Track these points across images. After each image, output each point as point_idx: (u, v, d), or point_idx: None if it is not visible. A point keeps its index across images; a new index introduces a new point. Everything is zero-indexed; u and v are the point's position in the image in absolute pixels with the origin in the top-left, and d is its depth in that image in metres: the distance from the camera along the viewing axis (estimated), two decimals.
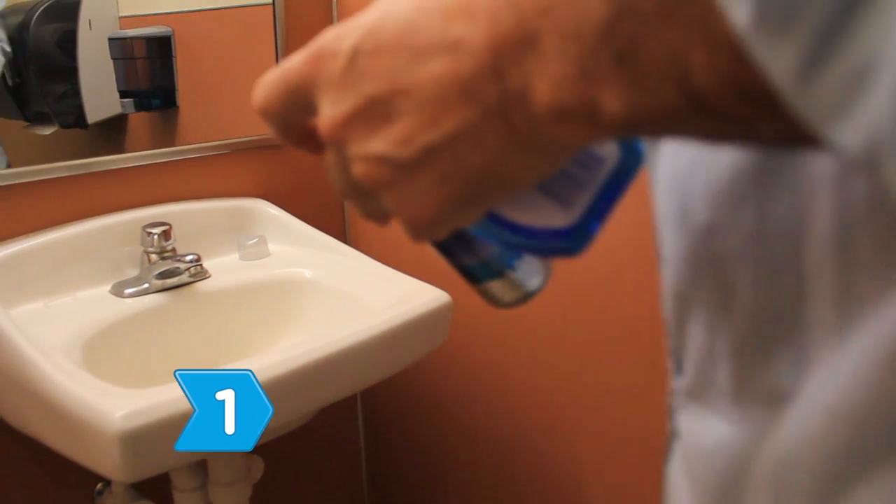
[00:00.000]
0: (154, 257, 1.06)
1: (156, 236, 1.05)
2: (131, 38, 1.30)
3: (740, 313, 0.29)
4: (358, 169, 0.29)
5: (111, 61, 1.27)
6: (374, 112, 0.28)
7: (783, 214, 0.27)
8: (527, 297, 0.37)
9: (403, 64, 0.27)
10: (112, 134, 1.28)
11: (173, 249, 1.07)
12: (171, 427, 0.72)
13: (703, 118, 0.23)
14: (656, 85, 0.22)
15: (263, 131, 1.26)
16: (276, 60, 1.31)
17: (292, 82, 0.31)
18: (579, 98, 0.24)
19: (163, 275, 1.05)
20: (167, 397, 0.74)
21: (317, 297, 1.10)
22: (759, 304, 0.28)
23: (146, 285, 1.06)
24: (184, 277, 1.08)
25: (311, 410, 0.92)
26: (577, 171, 0.31)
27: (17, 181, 1.05)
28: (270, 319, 1.10)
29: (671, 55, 0.22)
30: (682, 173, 0.31)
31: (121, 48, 1.28)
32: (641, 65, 0.22)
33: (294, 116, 0.32)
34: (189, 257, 1.03)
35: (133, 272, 1.10)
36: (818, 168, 0.25)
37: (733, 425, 0.30)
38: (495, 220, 0.32)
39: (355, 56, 0.28)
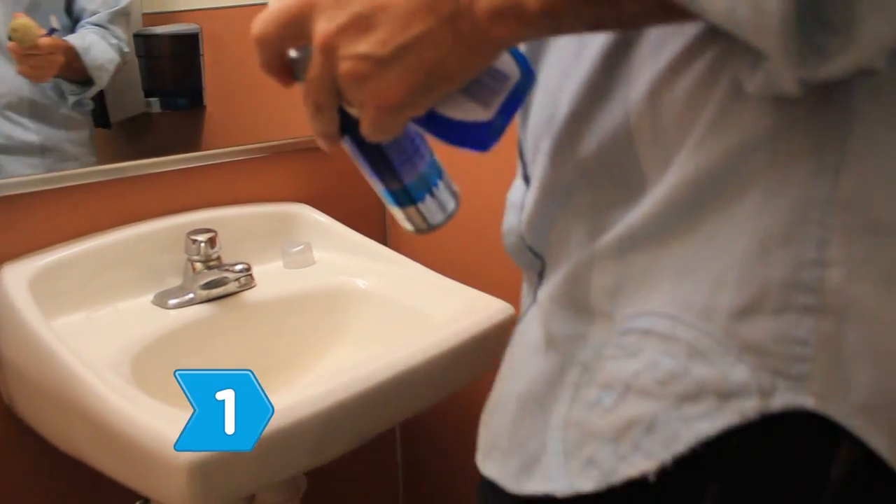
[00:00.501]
0: (199, 266, 1.01)
1: (202, 244, 1.00)
2: (157, 35, 1.24)
3: (595, 176, 0.43)
4: (346, 66, 0.39)
5: (136, 59, 1.21)
6: (360, 23, 0.39)
7: (618, 97, 0.41)
8: (443, 222, 0.51)
9: None
10: (136, 134, 1.23)
11: (218, 258, 1.01)
12: (245, 453, 0.67)
13: (592, 5, 0.35)
14: None
15: (302, 133, 1.21)
16: None
17: (292, 12, 0.41)
18: (509, 2, 0.36)
19: (209, 285, 1.00)
20: None
21: (370, 308, 1.05)
22: (606, 163, 0.42)
23: (191, 296, 1.00)
24: (230, 287, 1.03)
25: (374, 432, 0.87)
26: (492, 82, 0.43)
27: (54, 186, 1.00)
28: (321, 331, 1.05)
29: None
30: (553, 86, 0.45)
31: (145, 46, 1.22)
32: None
33: (286, 42, 0.42)
34: (238, 266, 0.98)
35: (174, 281, 1.05)
36: (637, 61, 0.40)
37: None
38: (436, 116, 0.44)
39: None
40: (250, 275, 0.98)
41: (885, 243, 0.35)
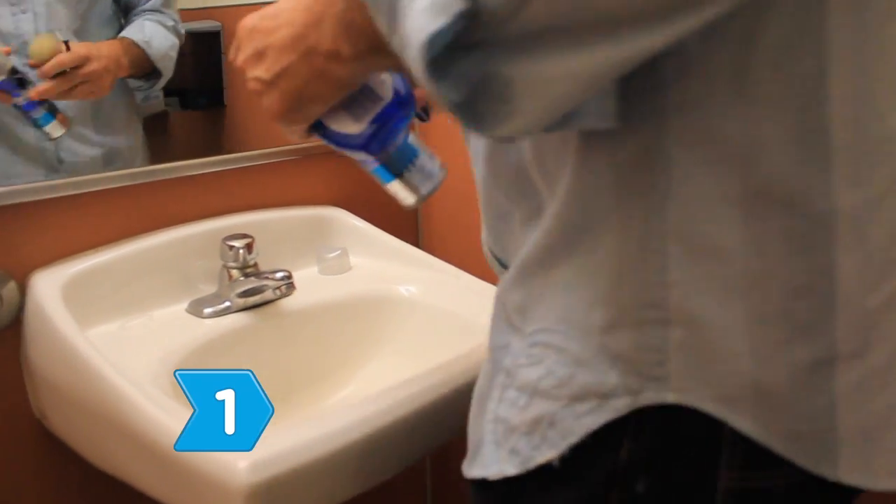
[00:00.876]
0: (235, 273, 0.97)
1: (239, 250, 0.96)
2: None
3: (513, 195, 0.53)
4: (250, 86, 0.55)
5: None
6: (256, 56, 0.54)
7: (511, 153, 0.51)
8: (424, 196, 0.63)
9: (270, 32, 0.53)
10: (155, 133, 1.19)
11: (255, 264, 0.97)
12: (304, 476, 0.64)
13: (381, 55, 0.46)
14: (362, 41, 0.48)
15: None
16: None
17: (236, 38, 0.57)
18: (335, 47, 0.50)
19: (247, 293, 0.96)
20: (296, 442, 0.66)
21: (413, 315, 1.01)
22: (518, 185, 0.51)
23: (227, 304, 0.96)
24: (268, 295, 0.98)
25: (429, 449, 0.83)
26: (365, 102, 0.57)
27: (83, 190, 0.95)
28: (363, 340, 1.01)
29: (366, 31, 0.46)
30: (476, 153, 0.56)
31: None
32: (353, 31, 0.48)
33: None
34: (279, 274, 0.93)
35: (207, 288, 1.01)
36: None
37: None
38: (322, 126, 0.58)
39: (253, 28, 0.55)
40: (291, 283, 0.94)
41: (718, 264, 0.43)
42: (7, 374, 0.92)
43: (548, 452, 0.47)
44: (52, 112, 0.96)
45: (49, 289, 0.88)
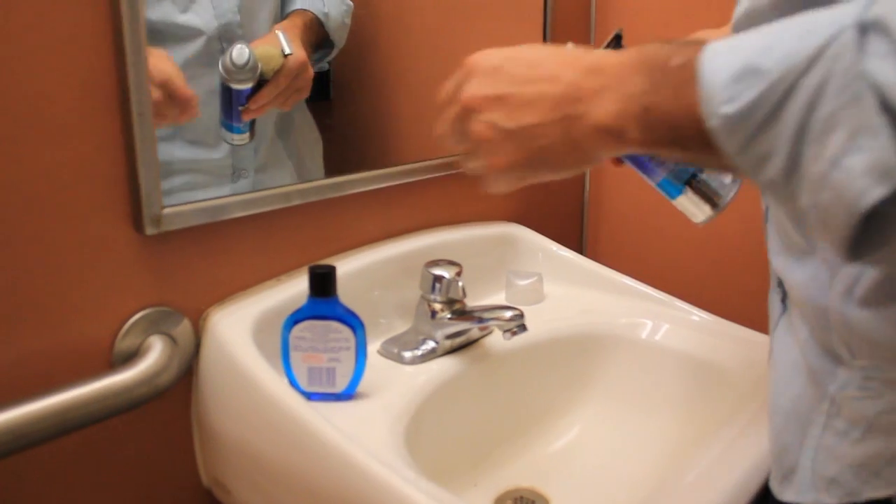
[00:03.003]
0: (438, 306, 0.80)
1: (448, 280, 0.79)
2: None
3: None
4: (477, 127, 0.50)
5: None
6: (500, 100, 0.49)
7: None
8: (720, 207, 0.64)
9: (525, 82, 0.49)
10: None
11: (462, 300, 0.81)
12: None
13: (678, 148, 0.43)
14: (658, 128, 0.42)
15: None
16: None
17: (463, 67, 0.53)
18: (617, 126, 0.44)
19: (457, 333, 0.80)
20: None
21: (637, 358, 0.85)
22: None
23: (431, 345, 0.80)
24: (473, 333, 0.82)
25: None
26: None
27: (266, 208, 0.78)
28: (574, 383, 0.85)
29: (668, 116, 0.41)
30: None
31: None
32: (652, 117, 0.42)
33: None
34: (508, 313, 0.77)
35: (392, 322, 0.85)
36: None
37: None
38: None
39: (498, 67, 0.50)
40: (523, 324, 0.77)
41: None
42: (174, 434, 0.75)
43: (883, 489, 0.46)
44: (251, 123, 0.80)
45: (236, 332, 0.71)
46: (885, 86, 0.32)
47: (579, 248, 1.16)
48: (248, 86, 0.77)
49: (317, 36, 0.86)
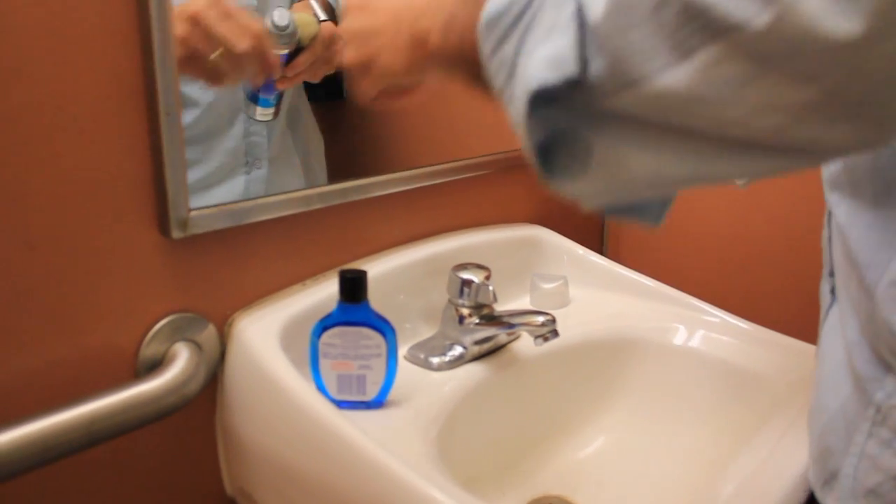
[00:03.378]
0: (466, 311, 0.78)
1: (477, 284, 0.77)
2: None
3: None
4: (344, 32, 0.62)
5: None
6: (360, 8, 0.61)
7: None
8: None
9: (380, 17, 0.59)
10: None
11: (490, 305, 0.79)
12: None
13: (461, 61, 0.48)
14: (451, 37, 0.49)
15: (506, 147, 0.98)
16: None
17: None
18: (424, 32, 0.52)
19: (486, 339, 0.78)
20: None
21: (671, 365, 0.83)
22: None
23: (459, 350, 0.78)
24: (501, 338, 0.80)
25: None
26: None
27: (290, 210, 0.76)
28: (606, 390, 0.83)
29: (461, 25, 0.47)
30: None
31: None
32: (450, 27, 0.49)
33: None
34: (540, 318, 0.75)
35: (417, 327, 0.83)
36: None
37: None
38: None
39: (363, 6, 0.61)
40: (555, 329, 0.75)
41: None
42: (197, 442, 0.73)
43: None
44: (280, 96, 0.78)
45: (263, 338, 0.69)
46: None
47: (600, 250, 1.14)
48: (285, 51, 0.75)
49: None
